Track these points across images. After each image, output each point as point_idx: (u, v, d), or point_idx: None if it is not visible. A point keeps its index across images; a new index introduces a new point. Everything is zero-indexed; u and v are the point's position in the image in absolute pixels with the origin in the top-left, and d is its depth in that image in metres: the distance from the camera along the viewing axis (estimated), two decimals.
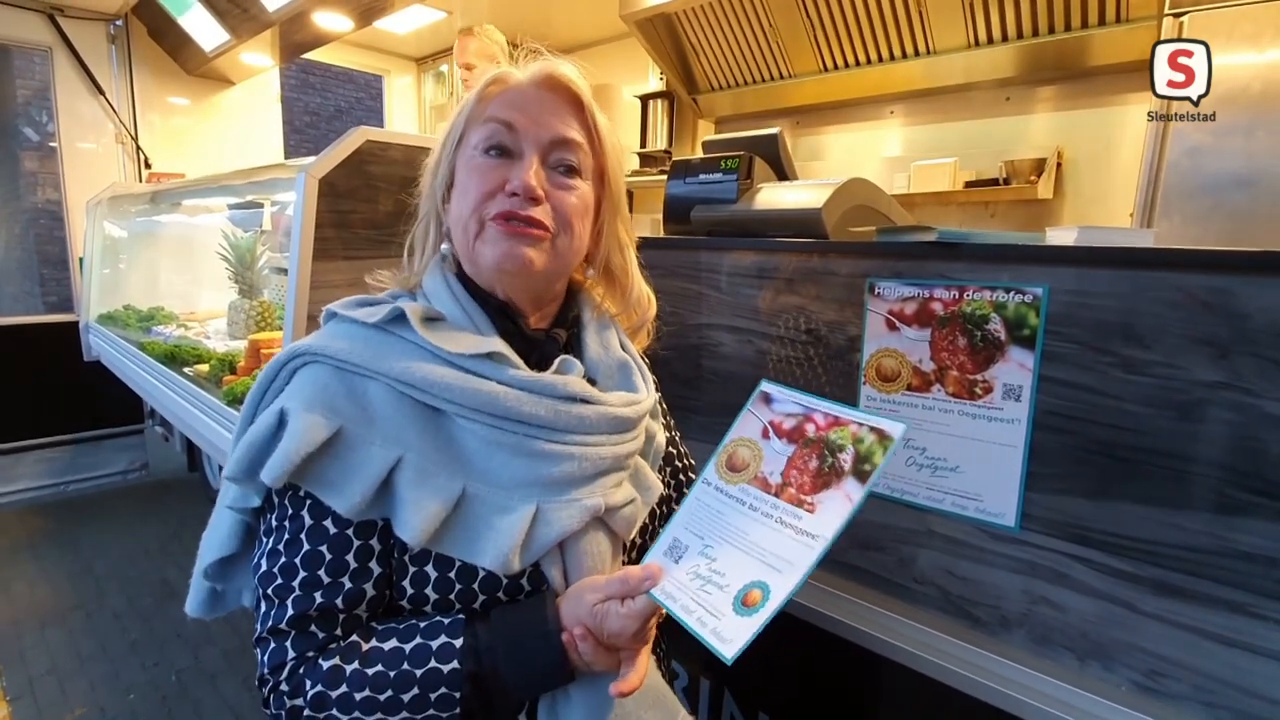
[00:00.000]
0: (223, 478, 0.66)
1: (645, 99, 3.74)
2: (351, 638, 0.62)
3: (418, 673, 0.59)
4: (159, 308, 3.21)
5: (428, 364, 0.64)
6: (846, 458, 0.64)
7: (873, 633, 0.98)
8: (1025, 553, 0.90)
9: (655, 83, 3.73)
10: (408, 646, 0.60)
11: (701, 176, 1.40)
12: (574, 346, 0.76)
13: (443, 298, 0.70)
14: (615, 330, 0.79)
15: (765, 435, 0.72)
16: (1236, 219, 1.91)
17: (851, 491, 0.62)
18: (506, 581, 0.64)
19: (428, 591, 0.63)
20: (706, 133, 3.67)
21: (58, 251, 4.47)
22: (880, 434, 0.64)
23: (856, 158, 3.16)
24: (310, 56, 4.26)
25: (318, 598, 0.61)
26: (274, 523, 0.64)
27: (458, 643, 0.60)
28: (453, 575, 0.63)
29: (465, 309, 0.69)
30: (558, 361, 0.70)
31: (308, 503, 0.62)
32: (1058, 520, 0.87)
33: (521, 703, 0.66)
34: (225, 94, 4.28)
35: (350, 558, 0.62)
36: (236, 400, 1.76)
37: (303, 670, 0.60)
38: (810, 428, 0.69)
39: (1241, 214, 1.90)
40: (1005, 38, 2.51)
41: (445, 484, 0.62)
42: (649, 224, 1.88)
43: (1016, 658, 0.89)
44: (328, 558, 0.61)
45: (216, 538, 0.73)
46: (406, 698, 0.59)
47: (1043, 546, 0.88)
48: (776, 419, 0.72)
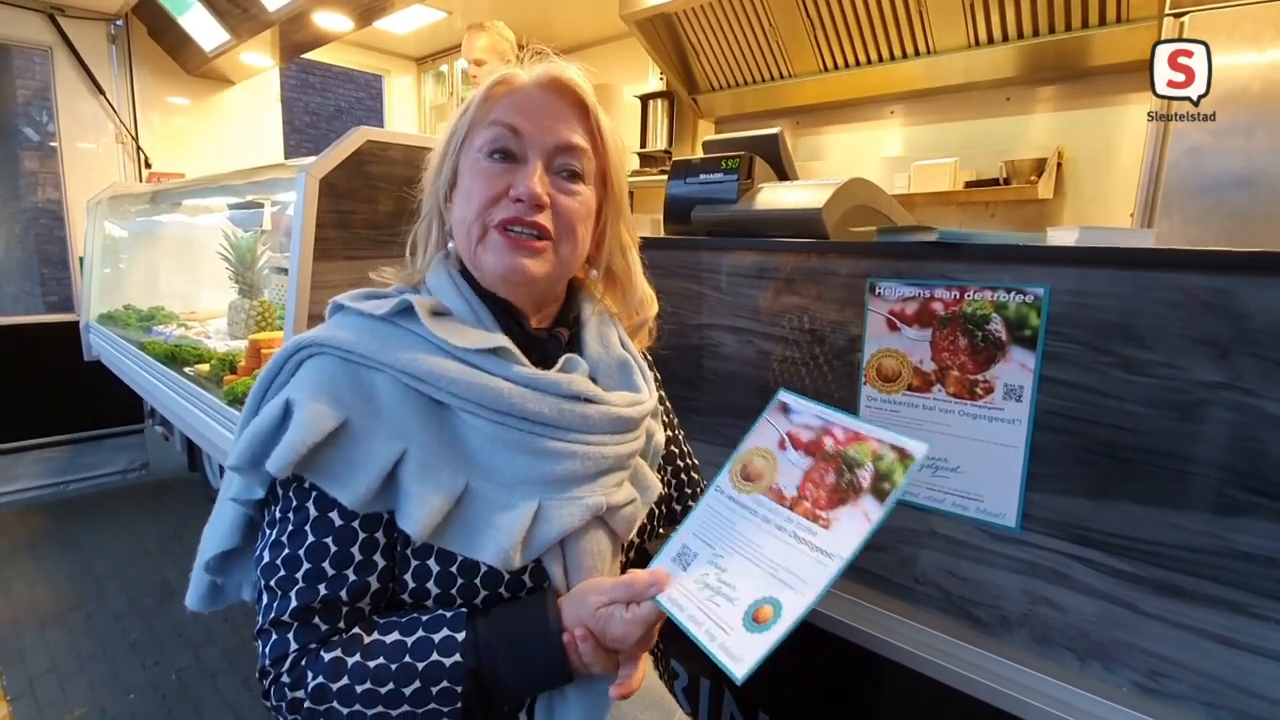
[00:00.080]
0: (226, 468, 0.66)
1: (645, 99, 3.74)
2: (354, 630, 0.62)
3: (420, 666, 0.59)
4: (159, 307, 3.21)
5: (433, 357, 0.64)
6: (865, 475, 0.62)
7: (873, 633, 0.98)
8: (1026, 553, 0.90)
9: (655, 83, 3.74)
10: (410, 640, 0.60)
11: (702, 176, 1.40)
12: (575, 345, 0.76)
13: (448, 294, 0.70)
14: (616, 328, 0.79)
15: (782, 446, 0.70)
16: (1237, 219, 1.91)
17: (870, 510, 0.60)
18: (508, 577, 0.64)
19: (429, 586, 0.63)
20: (706, 133, 3.67)
21: (58, 251, 4.48)
22: (901, 453, 0.62)
23: (856, 158, 3.16)
24: (310, 56, 4.26)
25: (321, 590, 0.61)
26: (278, 515, 0.64)
27: (460, 636, 0.60)
28: (454, 570, 0.63)
29: (471, 305, 0.69)
30: (563, 360, 0.70)
31: (313, 494, 0.62)
32: (1058, 520, 0.87)
33: (520, 701, 0.66)
34: (225, 94, 4.28)
35: (355, 550, 0.62)
36: (237, 400, 1.76)
37: (304, 662, 0.60)
38: (829, 441, 0.67)
39: (1241, 214, 1.90)
40: (1005, 38, 2.51)
41: (449, 478, 0.62)
42: (649, 224, 1.88)
43: (1017, 658, 0.89)
44: (332, 550, 0.61)
45: (219, 531, 0.73)
46: (408, 691, 0.59)
47: (1043, 547, 0.88)
48: (794, 430, 0.70)
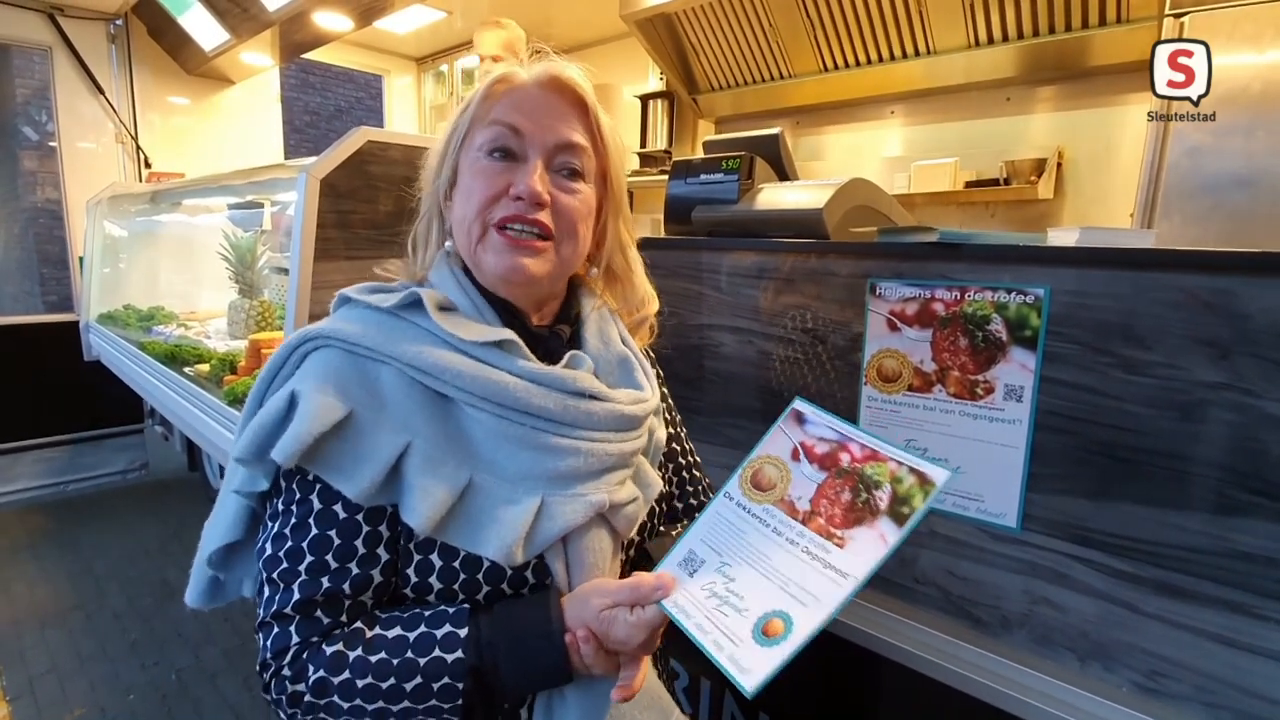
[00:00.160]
0: (230, 460, 0.66)
1: (645, 99, 3.74)
2: (356, 624, 0.61)
3: (421, 661, 0.59)
4: (159, 307, 3.21)
5: (439, 350, 0.64)
6: (883, 496, 0.61)
7: (874, 633, 0.98)
8: (1026, 553, 0.90)
9: (655, 83, 3.74)
10: (412, 635, 0.60)
11: (702, 177, 1.40)
12: (576, 342, 0.76)
13: (452, 290, 0.70)
14: (616, 325, 0.79)
15: (795, 457, 0.69)
16: (1237, 219, 1.91)
17: (887, 533, 0.59)
18: (511, 573, 0.64)
19: (432, 580, 0.63)
20: (706, 133, 3.67)
21: (57, 251, 4.47)
22: (922, 478, 0.61)
23: (857, 158, 3.16)
24: (310, 56, 4.26)
25: (324, 583, 0.60)
26: (281, 507, 0.64)
27: (462, 633, 0.60)
28: (457, 565, 0.63)
29: (474, 302, 0.69)
30: (568, 356, 0.70)
31: (317, 487, 0.62)
32: (1059, 521, 0.87)
33: (520, 699, 0.66)
34: (225, 94, 4.28)
35: (359, 543, 0.62)
36: (237, 400, 1.76)
37: (306, 655, 0.60)
38: (845, 457, 0.66)
39: (1241, 214, 1.90)
40: (1005, 38, 2.51)
41: (453, 472, 0.62)
42: (649, 224, 1.88)
43: (1017, 658, 0.89)
44: (336, 543, 0.61)
45: (221, 524, 0.72)
46: (409, 686, 0.59)
47: (1044, 547, 0.88)
48: (808, 441, 0.69)
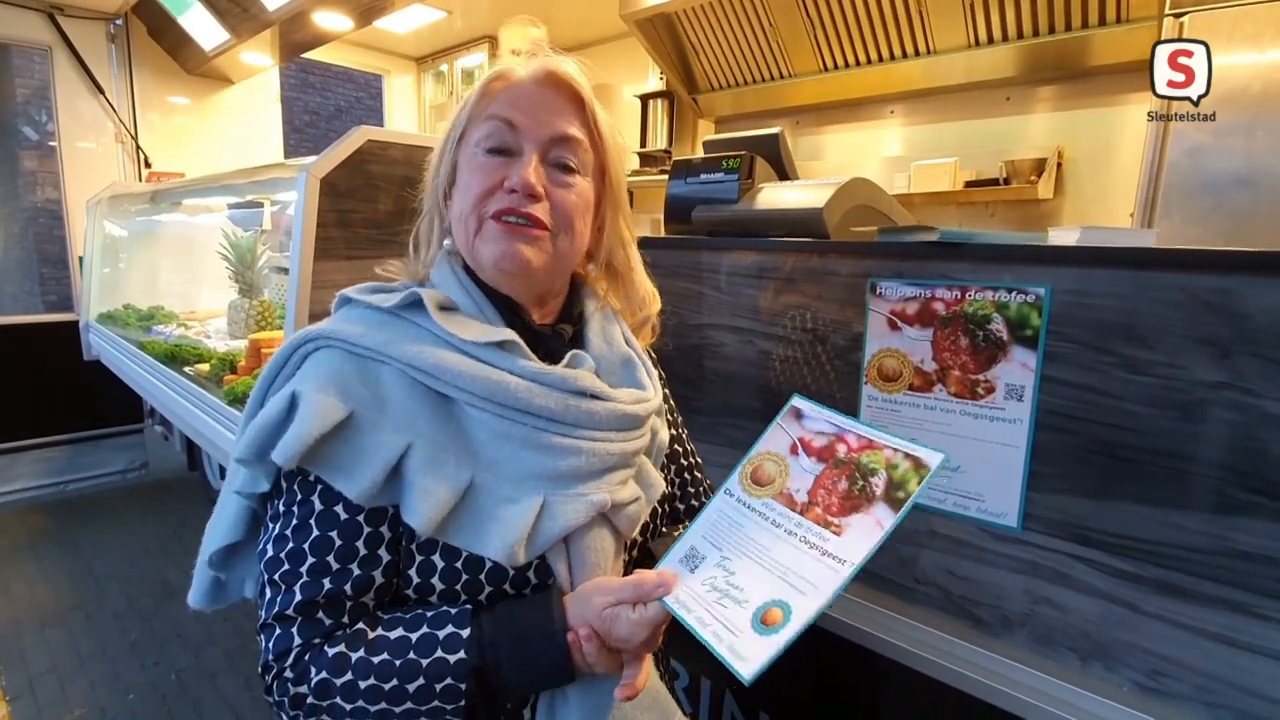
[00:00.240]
0: (231, 461, 0.66)
1: (645, 99, 3.74)
2: (358, 626, 0.61)
3: (424, 662, 0.59)
4: (159, 307, 3.21)
5: (440, 350, 0.64)
6: (879, 482, 0.63)
7: (874, 632, 0.98)
8: (1027, 553, 0.90)
9: (655, 82, 3.74)
10: (414, 636, 0.60)
11: (703, 176, 1.40)
12: (578, 341, 0.76)
13: (453, 289, 0.70)
14: (619, 325, 0.79)
15: (794, 452, 0.70)
16: (1237, 219, 1.91)
17: (883, 518, 0.60)
18: (513, 574, 0.64)
19: (434, 581, 0.63)
20: (706, 132, 3.67)
21: (57, 251, 4.47)
22: (916, 462, 0.62)
23: (856, 157, 3.16)
24: (310, 56, 4.26)
25: (326, 584, 0.60)
26: (282, 508, 0.63)
27: (465, 633, 0.60)
28: (459, 565, 0.63)
29: (475, 301, 0.69)
30: (569, 355, 0.70)
31: (318, 488, 0.62)
32: (1059, 520, 0.87)
33: (523, 699, 0.66)
34: (225, 93, 4.28)
35: (360, 544, 0.61)
36: (237, 400, 1.76)
37: (308, 657, 0.60)
38: (842, 448, 0.67)
39: (1242, 214, 1.90)
40: (1005, 38, 2.52)
41: (454, 472, 0.62)
42: (649, 224, 1.88)
43: (1018, 658, 0.89)
44: (337, 544, 0.61)
45: (222, 525, 0.72)
46: (411, 687, 0.59)
47: (1044, 546, 0.88)
48: (806, 436, 0.70)
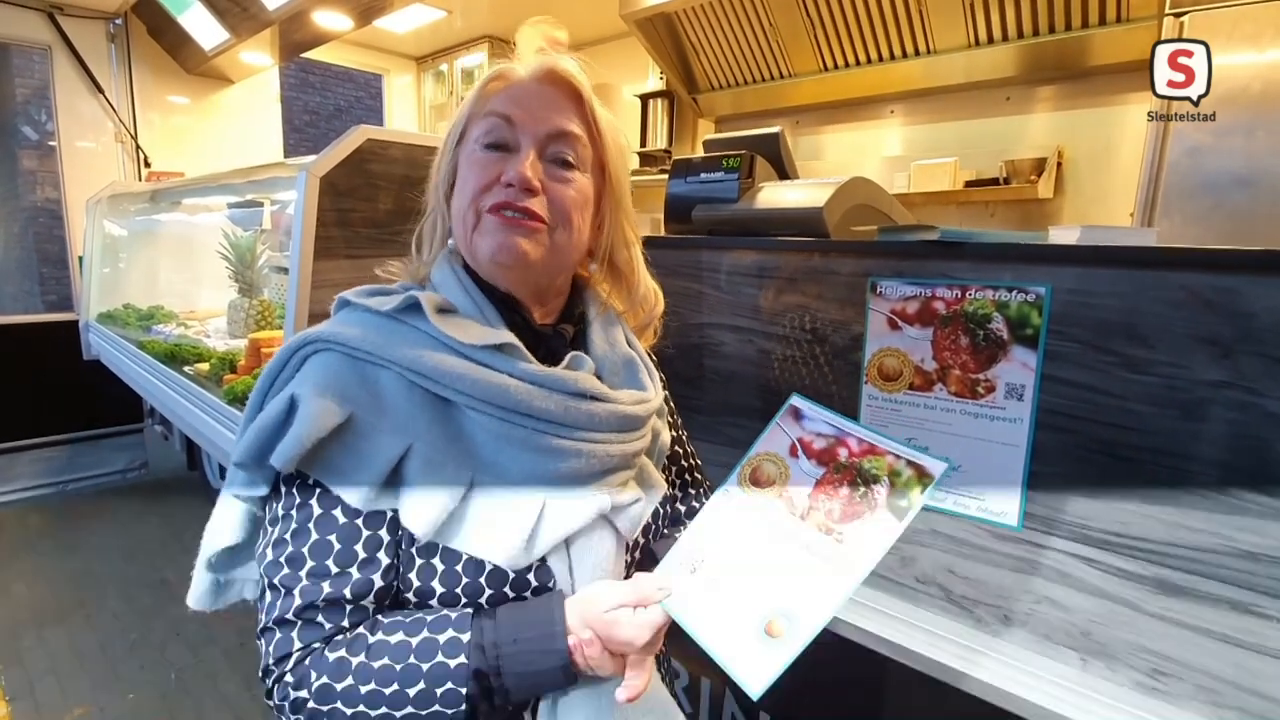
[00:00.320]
0: (230, 464, 0.66)
1: (645, 98, 3.74)
2: (358, 630, 0.61)
3: (424, 667, 0.59)
4: (159, 306, 3.21)
5: (439, 354, 0.64)
6: (881, 490, 0.61)
7: (875, 632, 0.98)
8: (1028, 551, 0.90)
9: (655, 82, 3.74)
10: (415, 640, 0.60)
11: (703, 175, 1.40)
12: (580, 342, 0.76)
13: (452, 289, 0.70)
14: (621, 327, 0.79)
15: (793, 453, 0.69)
16: (1237, 219, 1.91)
17: (886, 527, 0.59)
18: (513, 577, 0.64)
19: (434, 584, 0.63)
20: (706, 132, 3.67)
21: (57, 250, 4.46)
22: (920, 470, 0.61)
23: (856, 157, 3.16)
24: (310, 55, 4.26)
25: (325, 588, 0.60)
26: (280, 512, 0.63)
27: (465, 637, 0.60)
28: (459, 569, 0.63)
29: (474, 300, 0.69)
30: (569, 357, 0.70)
31: (317, 491, 0.62)
32: (1060, 519, 0.87)
33: (524, 702, 0.66)
34: (225, 93, 4.28)
35: (359, 547, 0.61)
36: (237, 399, 1.76)
37: (308, 661, 0.59)
38: (842, 452, 0.66)
39: (1242, 214, 1.90)
40: (1005, 37, 2.52)
41: (453, 475, 0.62)
42: (649, 223, 1.87)
43: (1019, 657, 0.89)
44: (336, 547, 0.61)
45: (221, 527, 0.72)
46: (412, 692, 0.58)
47: (1045, 545, 0.88)
48: (806, 437, 0.69)
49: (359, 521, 0.61)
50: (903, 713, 1.05)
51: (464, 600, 0.63)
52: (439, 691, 0.59)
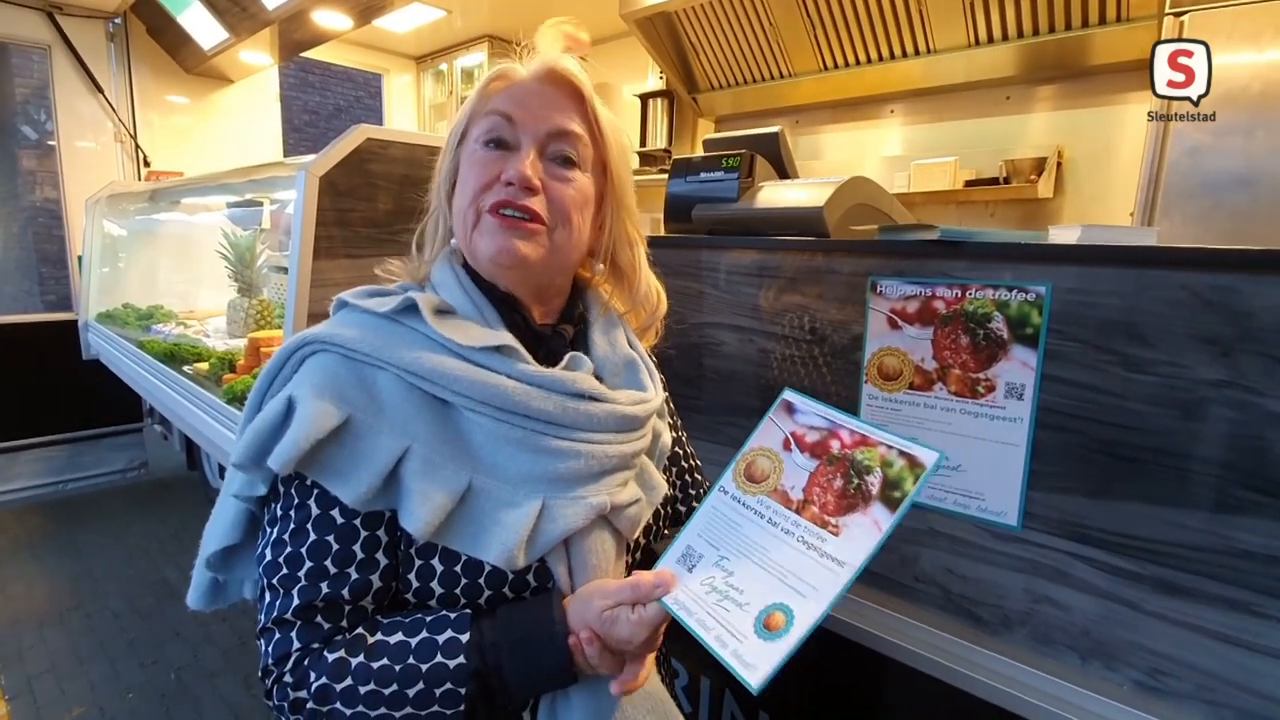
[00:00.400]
0: (229, 465, 0.66)
1: (645, 98, 3.74)
2: (357, 630, 0.61)
3: (424, 667, 0.59)
4: (158, 306, 3.21)
5: (437, 355, 0.64)
6: (874, 481, 0.62)
7: (874, 632, 0.98)
8: (1027, 551, 0.90)
9: (655, 82, 3.74)
10: (414, 640, 0.60)
11: (703, 175, 1.40)
12: (580, 343, 0.76)
13: (451, 289, 0.70)
14: (623, 328, 0.79)
15: (787, 447, 0.69)
16: (1237, 218, 1.91)
17: (880, 518, 0.60)
18: (513, 577, 0.64)
19: (433, 585, 0.63)
20: (706, 132, 3.67)
21: (56, 250, 4.46)
22: (912, 460, 0.61)
23: (856, 157, 3.16)
24: (309, 55, 4.26)
25: (324, 588, 0.60)
26: (279, 512, 0.63)
27: (464, 638, 0.60)
28: (458, 569, 0.63)
29: (474, 301, 0.69)
30: (568, 358, 0.70)
31: (315, 492, 0.62)
32: (1060, 519, 0.87)
33: (524, 702, 0.66)
34: (224, 92, 4.28)
35: (357, 548, 0.61)
36: (236, 399, 1.76)
37: (307, 662, 0.60)
38: (835, 444, 0.66)
39: (1242, 213, 1.91)
40: (1005, 37, 2.52)
41: (452, 476, 0.62)
42: (649, 223, 1.87)
43: (1018, 657, 0.89)
44: (334, 548, 0.61)
45: (220, 527, 0.72)
46: (411, 692, 0.59)
47: (1045, 545, 0.88)
48: (799, 431, 0.69)
49: (357, 522, 0.61)
50: (902, 713, 1.05)
51: (463, 601, 0.63)
52: (438, 692, 0.59)
